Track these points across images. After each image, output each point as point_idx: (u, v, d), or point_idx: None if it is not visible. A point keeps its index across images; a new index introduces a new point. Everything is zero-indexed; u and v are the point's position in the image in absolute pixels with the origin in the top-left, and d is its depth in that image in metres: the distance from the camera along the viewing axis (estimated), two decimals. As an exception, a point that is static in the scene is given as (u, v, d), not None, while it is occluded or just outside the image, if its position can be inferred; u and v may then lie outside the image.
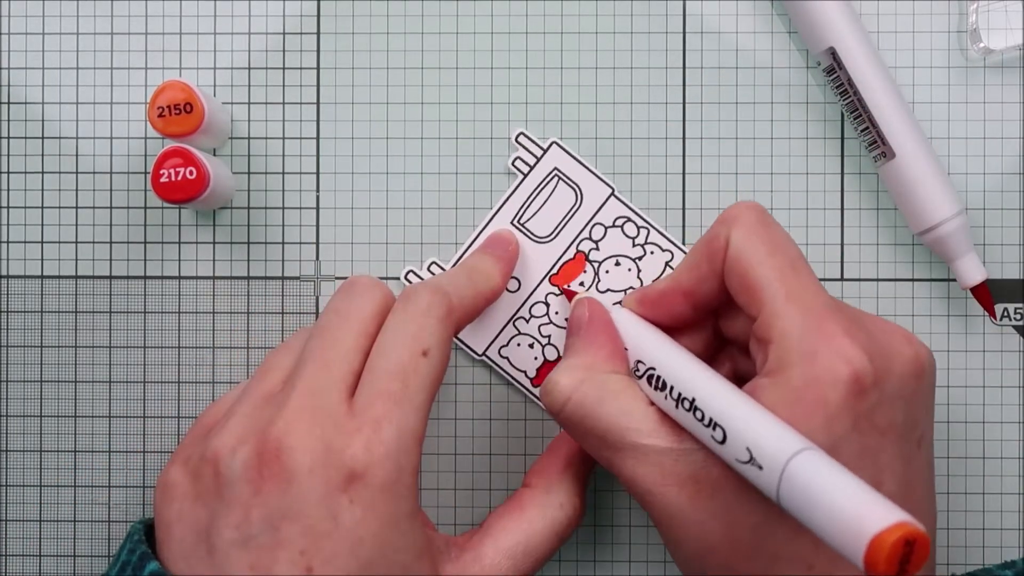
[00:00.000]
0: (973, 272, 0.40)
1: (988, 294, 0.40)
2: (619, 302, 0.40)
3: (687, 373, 0.34)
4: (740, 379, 0.35)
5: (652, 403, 0.35)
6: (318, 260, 0.42)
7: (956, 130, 0.42)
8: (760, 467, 0.30)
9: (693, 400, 0.33)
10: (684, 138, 0.42)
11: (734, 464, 0.31)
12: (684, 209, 0.42)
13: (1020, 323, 0.42)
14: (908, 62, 0.42)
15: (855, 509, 0.27)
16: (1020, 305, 0.42)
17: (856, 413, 0.31)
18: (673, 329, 0.37)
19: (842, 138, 0.42)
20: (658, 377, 0.35)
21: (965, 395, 0.42)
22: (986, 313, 0.42)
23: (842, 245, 0.42)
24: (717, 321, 0.38)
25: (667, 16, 0.42)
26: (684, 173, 0.42)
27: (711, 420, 0.32)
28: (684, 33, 0.42)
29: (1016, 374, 0.42)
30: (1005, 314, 0.42)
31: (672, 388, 0.34)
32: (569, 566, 0.42)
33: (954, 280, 0.42)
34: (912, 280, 0.42)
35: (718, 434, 0.32)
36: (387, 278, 0.42)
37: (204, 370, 0.43)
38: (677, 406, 0.33)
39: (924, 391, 0.34)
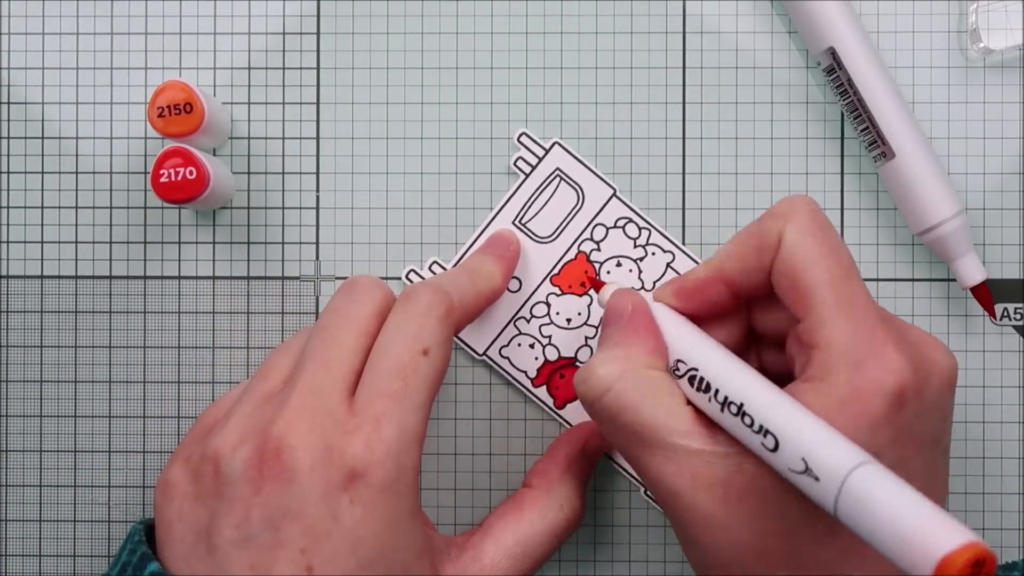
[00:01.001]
0: (973, 272, 0.40)
1: (988, 294, 0.40)
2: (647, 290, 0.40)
3: (732, 375, 0.33)
4: (767, 374, 0.34)
5: (689, 403, 0.34)
6: (318, 260, 0.42)
7: (956, 130, 0.42)
8: (817, 478, 0.29)
9: (741, 405, 0.32)
10: (684, 138, 0.42)
11: (786, 474, 0.30)
12: (684, 209, 0.42)
13: (1020, 323, 0.42)
14: (908, 62, 0.42)
15: (921, 527, 0.27)
16: (1020, 305, 0.42)
17: (897, 425, 0.31)
18: (705, 319, 0.37)
19: (842, 138, 0.42)
20: (701, 379, 0.34)
21: (965, 395, 0.42)
22: (986, 313, 0.42)
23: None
24: (751, 314, 0.37)
25: (667, 16, 0.42)
26: (684, 173, 0.42)
27: (761, 427, 0.31)
28: (684, 33, 0.42)
29: (1016, 374, 0.42)
30: (1005, 314, 0.42)
31: (717, 391, 0.33)
32: (569, 566, 0.42)
33: (954, 280, 0.42)
34: (912, 280, 0.42)
35: (769, 442, 0.31)
36: (388, 278, 0.42)
37: (204, 370, 0.43)
38: (723, 409, 0.33)
39: (952, 400, 0.34)
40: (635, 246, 0.42)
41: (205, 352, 0.43)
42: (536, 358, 0.42)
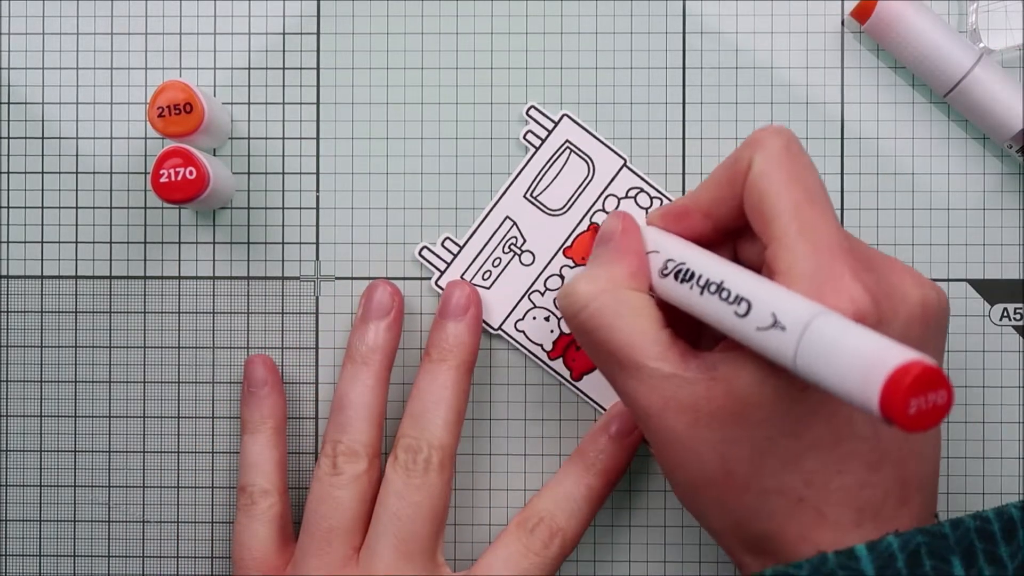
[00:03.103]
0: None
1: None
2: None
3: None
4: None
5: (665, 327, 0.34)
6: (318, 260, 0.42)
7: (956, 130, 0.42)
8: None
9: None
10: (684, 138, 0.42)
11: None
12: (684, 209, 0.42)
13: (1020, 323, 0.42)
14: (908, 62, 0.42)
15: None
16: (1020, 305, 0.42)
17: None
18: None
19: (842, 138, 0.42)
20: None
21: (965, 395, 0.42)
22: (987, 312, 0.42)
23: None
24: (736, 245, 0.37)
25: (667, 16, 0.42)
26: (684, 173, 0.42)
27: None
28: (684, 33, 0.42)
29: (1016, 374, 0.42)
30: (1005, 314, 0.42)
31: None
32: (569, 566, 0.42)
33: (954, 280, 0.42)
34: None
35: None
36: (388, 278, 0.42)
37: (204, 370, 0.43)
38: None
39: (932, 335, 0.33)
40: (647, 215, 0.42)
41: (205, 352, 0.43)
42: (551, 331, 0.42)
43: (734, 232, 0.36)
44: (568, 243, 0.42)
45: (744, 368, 0.32)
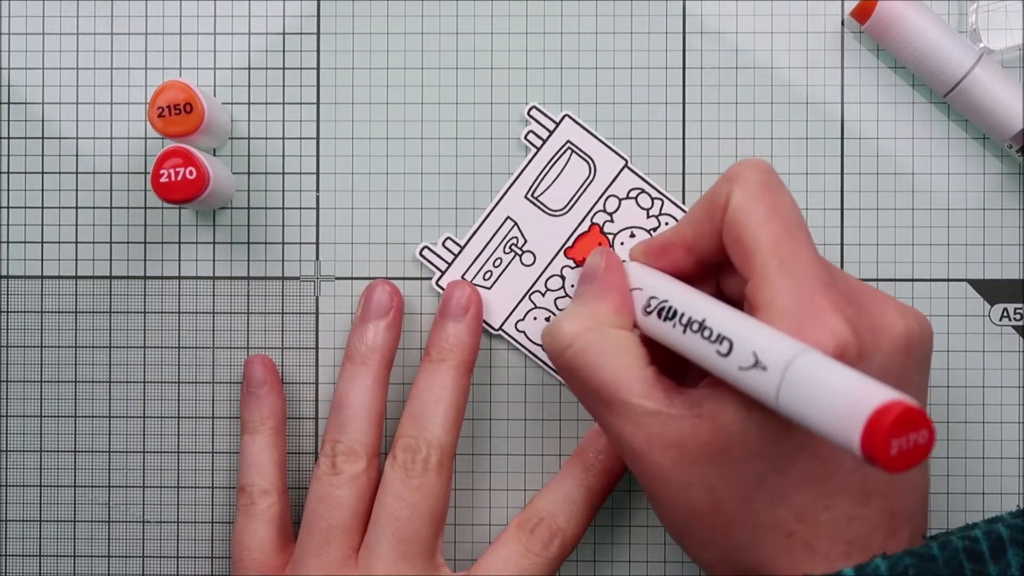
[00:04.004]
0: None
1: None
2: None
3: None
4: None
5: (650, 364, 0.34)
6: (318, 260, 0.42)
7: (956, 130, 0.42)
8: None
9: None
10: (684, 138, 0.42)
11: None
12: (683, 210, 0.42)
13: (1020, 323, 0.42)
14: (908, 62, 0.42)
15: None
16: (1020, 305, 0.42)
17: None
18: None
19: (842, 138, 0.42)
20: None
21: (965, 395, 0.42)
22: (987, 312, 0.42)
23: (842, 245, 0.42)
24: (719, 280, 0.37)
25: (667, 16, 0.42)
26: (684, 173, 0.42)
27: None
28: (684, 33, 0.42)
29: (1016, 374, 0.42)
30: (1005, 314, 0.42)
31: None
32: (569, 566, 0.42)
33: (954, 280, 0.42)
34: (912, 280, 0.42)
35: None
36: (388, 278, 0.42)
37: (204, 370, 0.43)
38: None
39: (915, 365, 0.33)
40: (648, 216, 0.42)
41: (205, 352, 0.43)
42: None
43: (716, 266, 0.36)
44: (569, 243, 0.42)
45: (728, 404, 0.32)
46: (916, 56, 0.40)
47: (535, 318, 0.42)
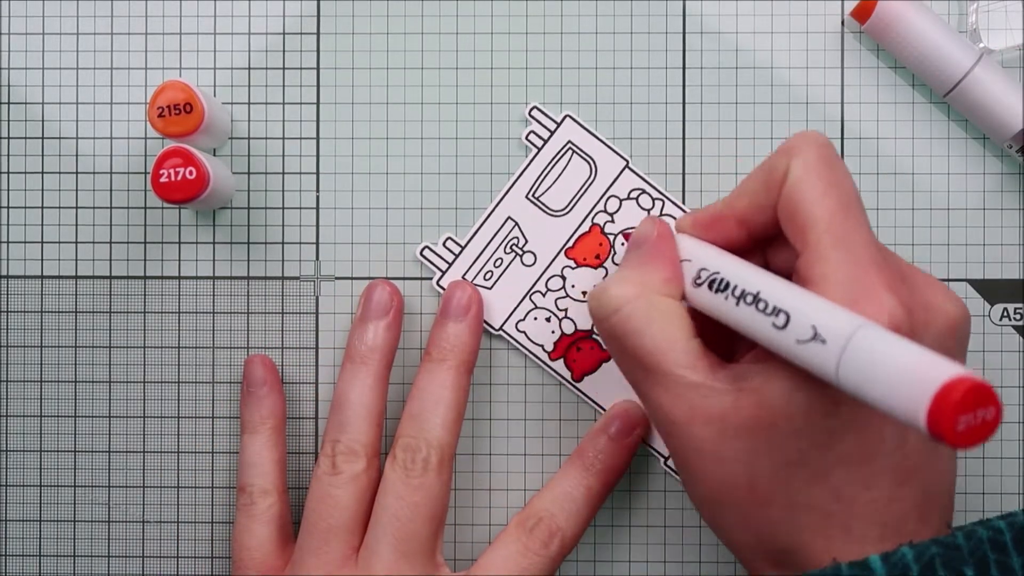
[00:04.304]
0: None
1: None
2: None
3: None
4: None
5: (696, 336, 0.34)
6: (318, 260, 0.42)
7: (956, 130, 0.42)
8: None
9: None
10: (684, 138, 0.42)
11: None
12: (684, 210, 0.42)
13: (1020, 323, 0.42)
14: (908, 62, 0.42)
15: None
16: (1020, 305, 0.42)
17: None
18: None
19: (842, 138, 0.42)
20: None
21: (965, 395, 0.42)
22: (987, 312, 0.42)
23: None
24: (766, 252, 0.37)
25: (667, 16, 0.42)
26: (684, 173, 0.42)
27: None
28: (684, 33, 0.42)
29: (1016, 374, 0.42)
30: (1005, 314, 0.42)
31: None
32: (569, 566, 0.42)
33: (954, 280, 0.42)
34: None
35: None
36: (388, 278, 0.42)
37: (204, 370, 0.43)
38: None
39: (961, 348, 0.34)
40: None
41: (205, 352, 0.43)
42: (552, 331, 0.42)
43: (766, 240, 0.36)
44: (570, 244, 0.42)
45: (775, 379, 0.32)
46: (916, 56, 0.40)
47: (536, 318, 0.42)
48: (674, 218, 0.42)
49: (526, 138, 0.42)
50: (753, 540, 0.33)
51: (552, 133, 0.42)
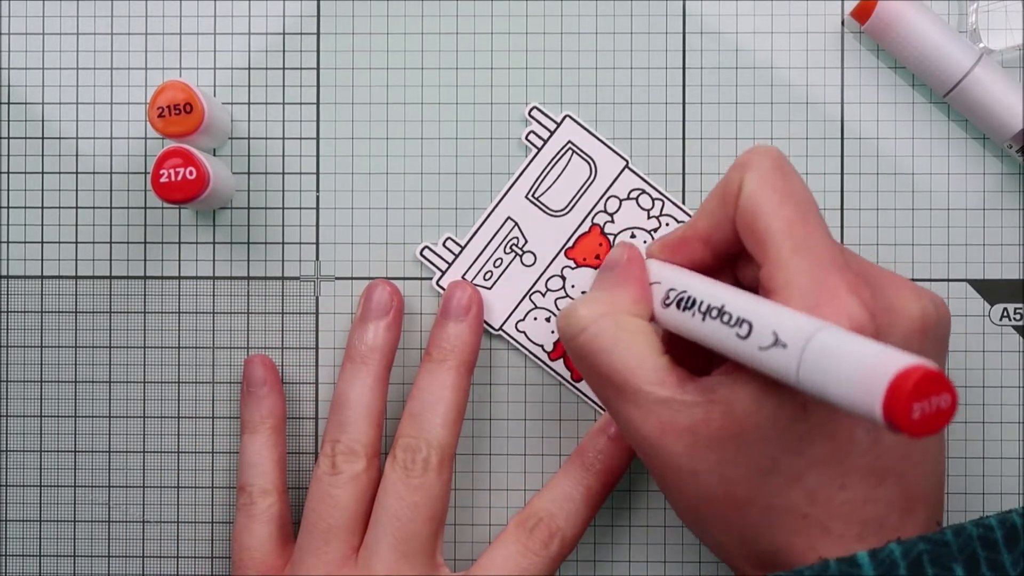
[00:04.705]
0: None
1: None
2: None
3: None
4: None
5: (664, 353, 0.34)
6: (318, 260, 0.42)
7: (956, 130, 0.42)
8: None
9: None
10: (684, 138, 0.42)
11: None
12: (684, 210, 0.42)
13: (1020, 323, 0.42)
14: (908, 62, 0.42)
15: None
16: (1020, 305, 0.42)
17: None
18: None
19: (842, 138, 0.42)
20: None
21: (965, 395, 0.42)
22: (987, 312, 0.42)
23: (842, 245, 0.42)
24: (735, 271, 0.37)
25: (667, 16, 0.42)
26: (684, 173, 0.42)
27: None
28: (684, 33, 0.42)
29: (1016, 374, 0.42)
30: (1005, 314, 0.42)
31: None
32: (569, 566, 0.42)
33: (954, 280, 0.42)
34: (912, 280, 0.42)
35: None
36: (388, 278, 0.42)
37: (204, 370, 0.43)
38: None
39: (931, 347, 0.34)
40: (649, 217, 0.42)
41: (205, 352, 0.43)
42: (552, 332, 0.42)
43: (732, 257, 0.37)
44: (570, 244, 0.42)
45: (742, 389, 0.32)
46: (916, 56, 0.40)
47: (535, 318, 0.42)
48: (673, 217, 0.42)
49: (526, 138, 0.42)
50: (737, 544, 0.34)
51: (552, 133, 0.42)
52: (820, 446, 0.32)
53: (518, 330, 0.42)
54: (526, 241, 0.42)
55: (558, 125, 0.42)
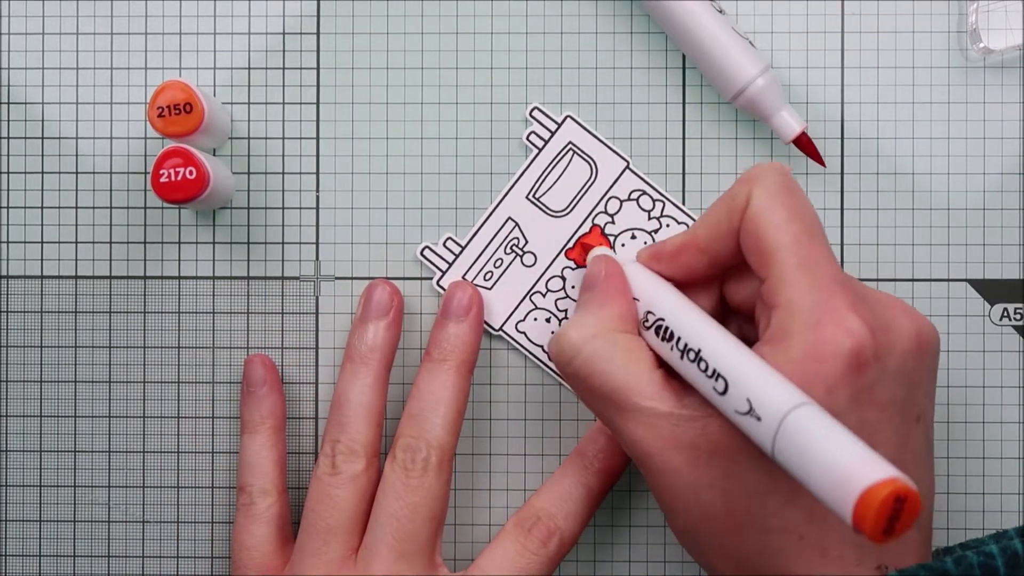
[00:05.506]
0: (791, 124, 0.40)
1: (811, 143, 0.40)
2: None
3: (696, 325, 0.34)
4: None
5: (659, 366, 0.34)
6: (318, 260, 0.43)
7: (956, 130, 0.42)
8: (758, 418, 0.30)
9: (699, 351, 0.33)
10: (684, 138, 0.42)
11: (733, 416, 0.31)
12: (684, 210, 0.42)
13: (1020, 323, 0.42)
14: (908, 62, 0.42)
15: (848, 464, 0.27)
16: (1020, 305, 0.42)
17: (856, 387, 0.31)
18: (683, 287, 0.37)
19: (842, 138, 0.42)
20: (667, 328, 0.34)
21: (965, 395, 0.42)
22: (987, 312, 0.42)
23: (842, 245, 0.42)
24: (723, 286, 0.37)
25: (667, 16, 0.42)
26: (684, 173, 0.42)
27: (714, 371, 0.32)
28: (684, 33, 0.42)
29: (1016, 374, 0.42)
30: (1005, 314, 0.42)
31: (679, 339, 0.34)
32: (569, 566, 0.42)
33: (954, 280, 0.42)
34: (912, 280, 0.42)
35: (720, 385, 0.31)
36: (388, 278, 0.42)
37: (204, 370, 0.43)
38: (682, 357, 0.33)
39: (926, 367, 0.34)
40: (649, 218, 0.42)
41: (205, 352, 0.43)
42: (552, 332, 0.42)
43: (724, 272, 0.37)
44: (570, 244, 0.42)
45: None
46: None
47: (536, 319, 0.42)
48: (673, 218, 0.42)
49: (527, 138, 0.42)
50: (733, 567, 0.34)
51: (553, 134, 0.42)
52: None
53: (518, 330, 0.42)
54: (526, 241, 0.42)
55: (559, 126, 0.42)
